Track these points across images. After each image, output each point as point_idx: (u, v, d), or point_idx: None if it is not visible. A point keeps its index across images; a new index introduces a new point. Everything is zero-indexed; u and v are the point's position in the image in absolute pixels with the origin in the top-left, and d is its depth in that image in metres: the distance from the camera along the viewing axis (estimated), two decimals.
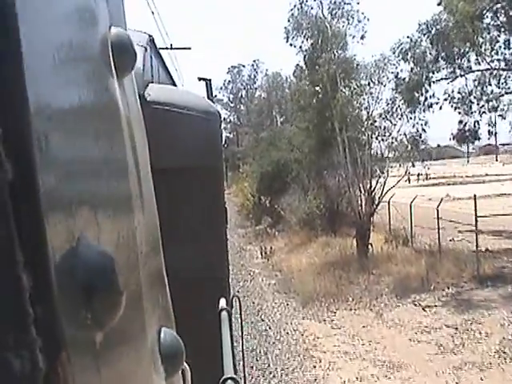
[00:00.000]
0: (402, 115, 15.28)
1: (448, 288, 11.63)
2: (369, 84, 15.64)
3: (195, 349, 0.90)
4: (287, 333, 9.82)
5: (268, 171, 21.75)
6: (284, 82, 42.77)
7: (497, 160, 61.24)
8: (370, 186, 15.07)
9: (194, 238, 2.28)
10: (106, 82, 0.55)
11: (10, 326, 0.33)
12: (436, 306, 10.91)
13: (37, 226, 0.34)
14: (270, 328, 9.97)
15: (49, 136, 0.37)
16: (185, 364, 0.79)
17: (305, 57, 17.56)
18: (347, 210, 18.57)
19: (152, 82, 2.81)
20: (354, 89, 15.52)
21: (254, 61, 61.24)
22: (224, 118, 61.64)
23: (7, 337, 0.33)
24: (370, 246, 14.56)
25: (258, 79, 60.23)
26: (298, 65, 18.00)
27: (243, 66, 62.27)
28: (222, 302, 1.99)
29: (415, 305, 11.11)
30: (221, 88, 62.44)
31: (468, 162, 62.75)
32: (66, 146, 0.41)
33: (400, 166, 15.52)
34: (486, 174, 44.80)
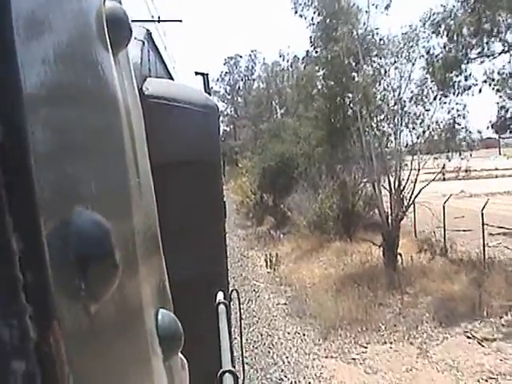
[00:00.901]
0: (434, 99, 12.83)
1: (507, 314, 9.22)
2: (395, 62, 13.19)
3: (193, 342, 0.87)
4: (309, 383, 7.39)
5: (271, 166, 19.31)
6: (284, 70, 40.26)
7: (500, 153, 58.97)
8: (399, 184, 12.61)
9: (192, 232, 2.27)
10: (102, 58, 0.54)
11: None
12: (496, 338, 8.50)
13: (27, 190, 0.33)
14: (285, 376, 7.54)
15: (42, 102, 0.36)
16: (182, 357, 0.80)
17: (315, 35, 15.10)
18: (364, 211, 16.16)
19: (150, 77, 2.76)
20: (379, 67, 13.06)
21: (252, 51, 59.02)
22: (221, 111, 59.45)
23: None
24: (399, 257, 12.13)
25: (256, 70, 58.03)
26: (311, 40, 15.38)
27: (240, 57, 59.97)
28: (220, 296, 2.01)
29: (468, 337, 8.69)
30: (217, 80, 60.25)
31: (500, 153, 59.58)
32: (58, 114, 0.40)
33: (435, 158, 13.06)
34: (496, 169, 42.51)
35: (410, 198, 12.63)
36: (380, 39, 13.64)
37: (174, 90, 2.55)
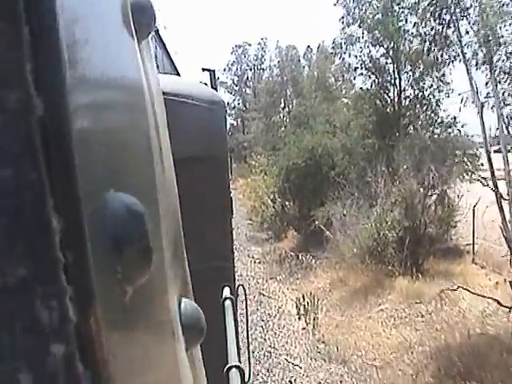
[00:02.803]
0: None
1: None
2: None
3: None
4: None
5: (297, 165, 14.34)
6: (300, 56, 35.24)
7: None
8: None
9: (199, 226, 2.13)
10: (128, 45, 0.55)
11: (37, 273, 0.31)
12: None
13: (67, 168, 0.33)
14: None
15: (78, 86, 0.36)
16: None
17: None
18: (439, 230, 11.17)
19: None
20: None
21: (262, 39, 54.07)
22: (228, 103, 54.85)
23: (34, 285, 0.31)
24: None
25: (266, 59, 53.22)
26: None
27: (249, 45, 54.90)
28: (226, 291, 1.99)
29: None
30: (224, 70, 55.39)
31: None
32: (93, 99, 0.41)
33: None
34: None
35: None
36: None
37: (180, 86, 2.52)
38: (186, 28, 75.07)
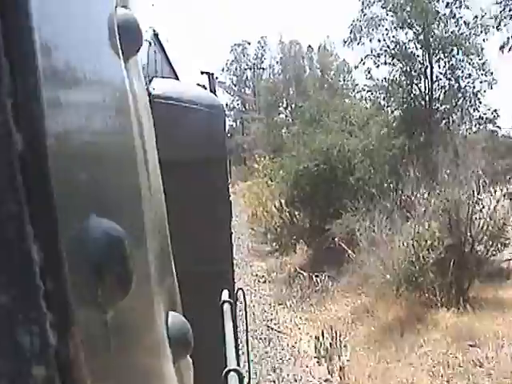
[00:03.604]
0: None
1: None
2: None
3: (198, 341, 0.88)
4: None
5: (308, 169, 12.29)
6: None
7: None
8: None
9: (198, 230, 2.30)
10: (114, 64, 0.55)
11: (19, 301, 0.33)
12: None
13: (46, 199, 0.34)
14: None
15: (60, 111, 0.37)
16: (188, 357, 0.81)
17: None
18: (489, 249, 9.12)
19: (156, 76, 3.23)
20: None
21: (262, 37, 52.15)
22: (226, 104, 53.03)
23: (16, 311, 0.32)
24: None
25: (267, 58, 51.38)
26: None
27: (248, 44, 53.05)
28: (225, 295, 2.01)
29: None
30: (222, 69, 53.49)
31: None
32: (75, 122, 0.41)
33: None
34: None
35: None
36: None
37: (179, 90, 2.57)
38: (184, 26, 73.17)
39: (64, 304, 0.34)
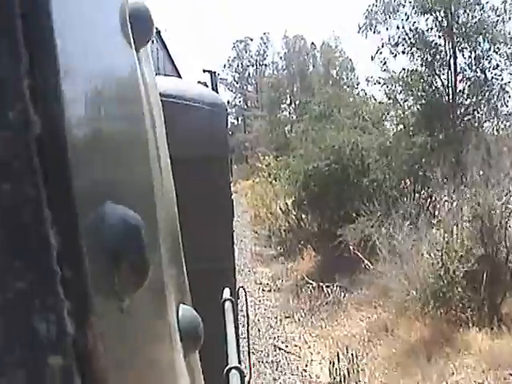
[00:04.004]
0: None
1: None
2: None
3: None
4: None
5: (318, 169, 11.28)
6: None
7: None
8: None
9: (201, 228, 2.27)
10: (126, 54, 0.55)
11: (36, 287, 0.32)
12: None
13: (64, 183, 0.34)
14: None
15: (76, 98, 0.37)
16: None
17: None
18: None
19: (158, 74, 2.66)
20: None
21: (264, 33, 51.17)
22: (228, 101, 52.17)
23: (33, 297, 0.32)
24: None
25: (269, 54, 50.50)
26: None
27: (251, 40, 52.12)
28: (226, 293, 1.99)
29: None
30: (224, 66, 52.58)
31: None
32: (91, 110, 0.41)
33: None
34: None
35: None
36: None
37: (182, 88, 2.56)
38: (186, 23, 72.18)
39: (82, 292, 0.33)
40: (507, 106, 9.82)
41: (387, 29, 10.66)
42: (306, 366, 7.85)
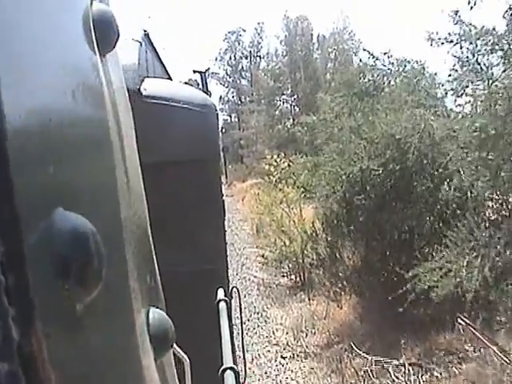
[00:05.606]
0: None
1: None
2: None
3: (194, 339, 0.85)
4: None
5: (365, 172, 7.23)
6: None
7: None
8: None
9: (192, 229, 2.28)
10: (89, 59, 0.55)
11: None
12: None
13: (6, 192, 0.33)
14: None
15: (22, 104, 0.36)
16: (184, 355, 0.84)
17: None
18: None
19: (148, 77, 2.71)
20: None
21: (258, 23, 47.39)
22: (220, 97, 48.36)
23: None
24: None
25: (263, 46, 46.83)
26: None
27: (244, 31, 48.34)
28: (220, 293, 1.95)
29: None
30: (215, 59, 48.78)
31: None
32: (41, 114, 0.41)
33: None
34: None
35: None
36: None
37: (171, 90, 2.56)
38: (176, 21, 68.18)
39: (26, 298, 0.34)
40: None
41: None
42: None
